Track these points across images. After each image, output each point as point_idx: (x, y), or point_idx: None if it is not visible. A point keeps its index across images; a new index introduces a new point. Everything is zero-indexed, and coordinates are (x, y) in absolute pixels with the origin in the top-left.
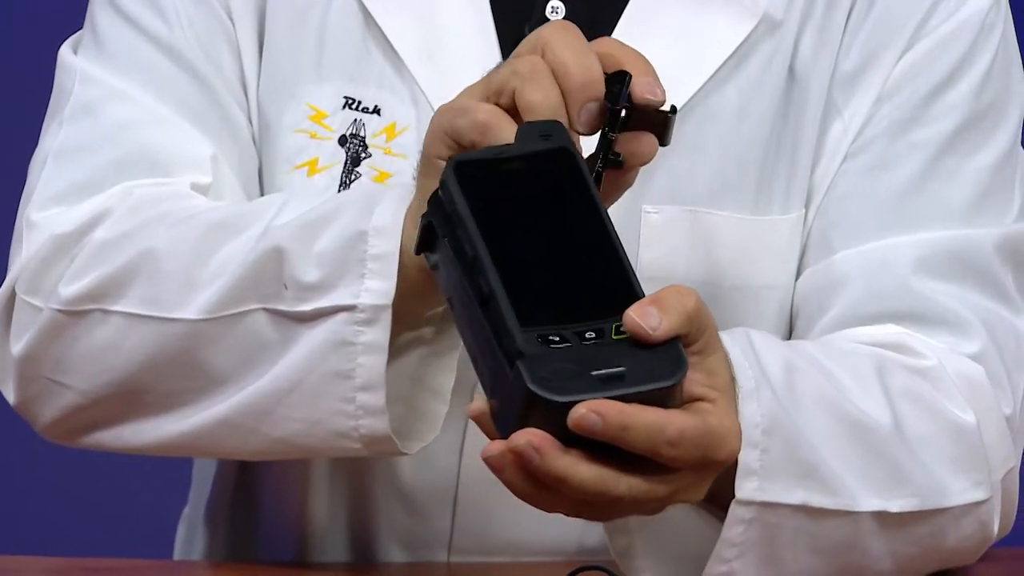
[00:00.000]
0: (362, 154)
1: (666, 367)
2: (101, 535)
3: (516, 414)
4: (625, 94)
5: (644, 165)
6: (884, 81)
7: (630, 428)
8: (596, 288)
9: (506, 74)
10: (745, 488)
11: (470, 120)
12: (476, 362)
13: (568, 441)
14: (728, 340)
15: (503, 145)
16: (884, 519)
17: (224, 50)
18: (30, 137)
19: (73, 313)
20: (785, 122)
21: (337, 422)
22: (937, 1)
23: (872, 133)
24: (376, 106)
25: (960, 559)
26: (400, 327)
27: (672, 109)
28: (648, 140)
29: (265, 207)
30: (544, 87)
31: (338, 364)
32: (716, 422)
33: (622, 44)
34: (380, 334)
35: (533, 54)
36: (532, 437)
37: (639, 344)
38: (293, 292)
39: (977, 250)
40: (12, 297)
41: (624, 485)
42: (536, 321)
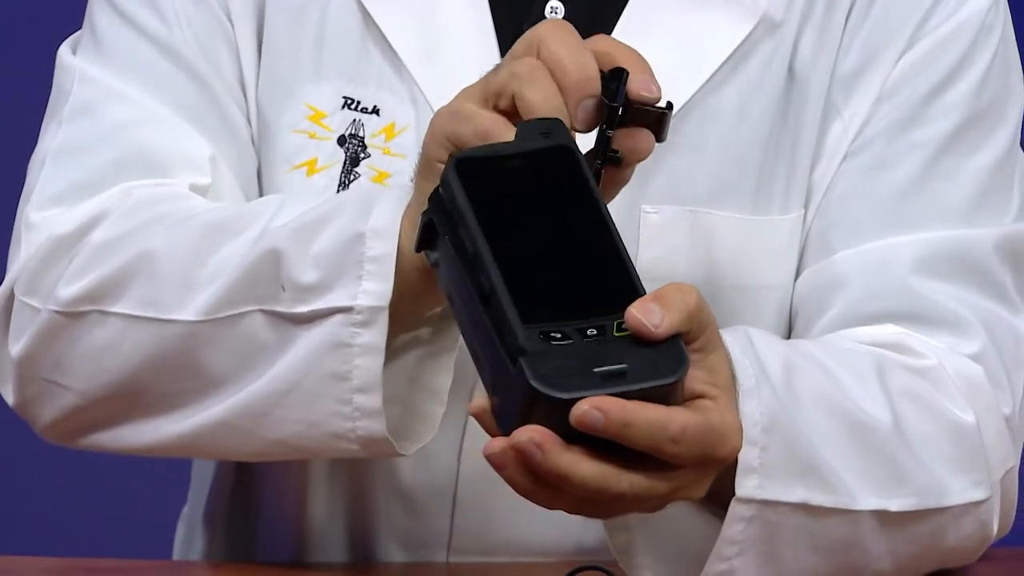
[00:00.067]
0: (361, 154)
1: (668, 364)
2: (100, 535)
3: (518, 411)
4: (623, 91)
5: (641, 161)
6: (884, 81)
7: (632, 425)
8: (597, 285)
9: (505, 76)
10: (745, 486)
11: (473, 127)
12: (477, 360)
13: (570, 438)
14: (728, 338)
15: (503, 142)
16: (884, 518)
17: (223, 50)
18: (30, 137)
19: (71, 314)
20: (785, 122)
21: (334, 423)
22: (937, 1)
23: (872, 133)
24: (375, 106)
25: (960, 559)
26: (397, 328)
27: (668, 106)
28: (645, 136)
29: (262, 208)
30: (544, 87)
31: (335, 366)
32: (717, 419)
33: (617, 41)
34: (377, 336)
35: (528, 52)
36: (534, 434)
37: (641, 341)
38: (290, 294)
39: (976, 250)
40: (11, 298)
41: (626, 482)
42: (538, 318)
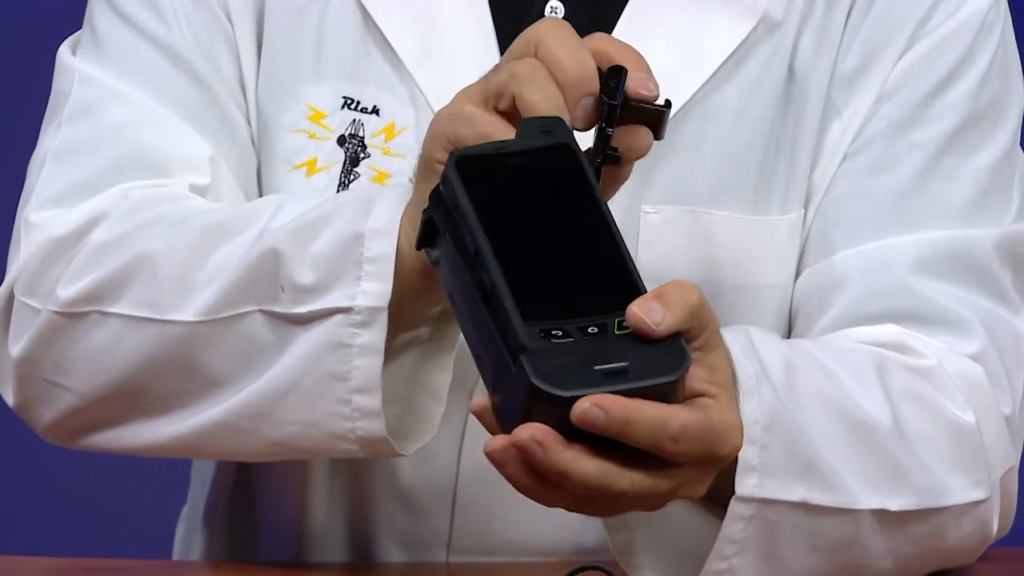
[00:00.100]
0: (361, 154)
1: (669, 362)
2: (100, 535)
3: (519, 409)
4: (622, 90)
5: (640, 159)
6: (884, 81)
7: (633, 423)
8: (598, 283)
9: (505, 77)
10: (745, 484)
11: (474, 130)
12: (478, 357)
13: (571, 436)
14: (728, 337)
15: (505, 140)
16: (884, 517)
17: (223, 50)
18: (30, 138)
19: (71, 315)
20: (784, 122)
21: (333, 424)
22: (937, 1)
23: (871, 133)
24: (375, 106)
25: (959, 558)
26: (396, 328)
27: (666, 103)
28: (643, 133)
29: (262, 209)
30: (544, 87)
31: (334, 366)
32: (718, 418)
33: (614, 39)
34: (376, 336)
35: (526, 52)
36: (535, 431)
37: (642, 339)
38: (289, 294)
39: (976, 250)
40: (11, 299)
41: (626, 480)
42: (539, 316)
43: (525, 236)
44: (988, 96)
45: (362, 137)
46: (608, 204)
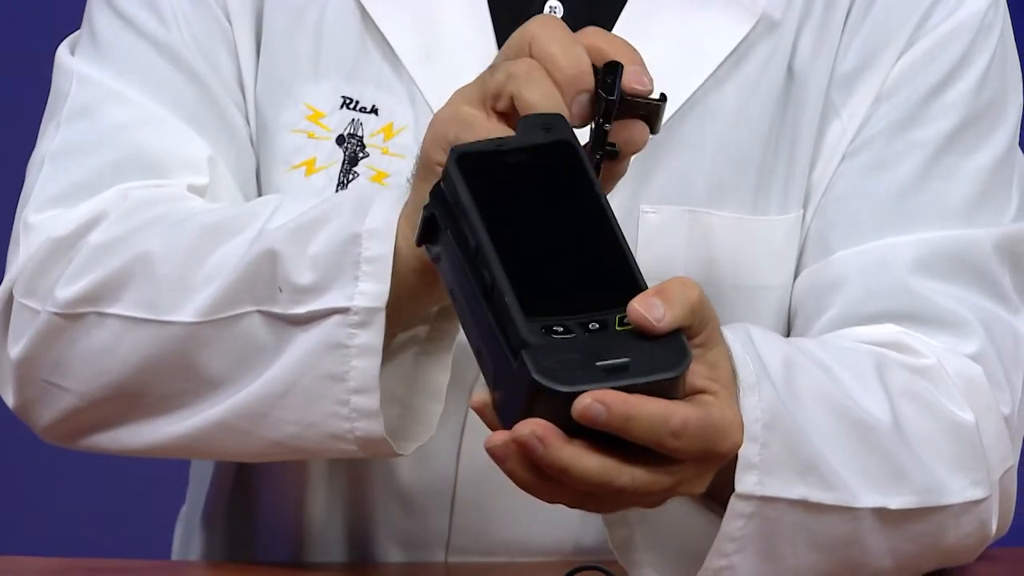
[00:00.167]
0: (360, 154)
1: (670, 358)
2: (99, 535)
3: (520, 405)
4: (619, 85)
5: (636, 153)
6: (883, 81)
7: (634, 419)
8: (599, 279)
9: (502, 77)
10: (745, 482)
11: (475, 135)
12: (479, 354)
13: (571, 432)
14: (729, 335)
15: (505, 137)
16: (883, 516)
17: (221, 50)
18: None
19: (70, 316)
20: (783, 122)
21: (332, 424)
22: (936, 1)
23: (871, 133)
24: (374, 106)
25: (959, 558)
26: (394, 328)
27: (662, 97)
28: (640, 128)
29: (260, 209)
30: (542, 86)
31: (332, 367)
32: (719, 414)
33: (607, 34)
34: (374, 336)
35: (520, 50)
36: (536, 427)
37: (643, 335)
38: (287, 295)
39: (976, 250)
40: (10, 300)
41: (627, 476)
42: (540, 312)
43: (526, 232)
44: (987, 96)
45: (361, 137)
46: (608, 201)
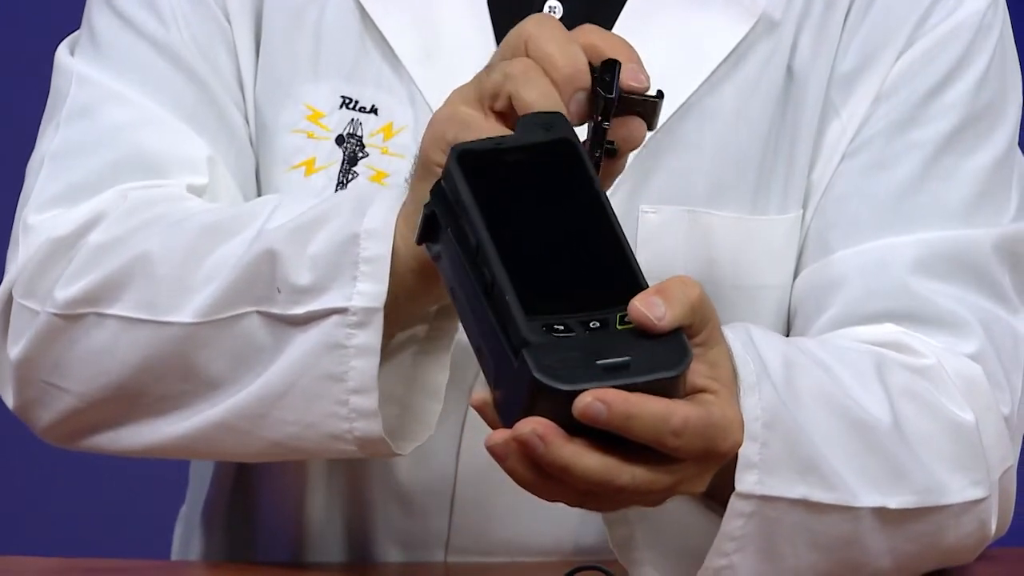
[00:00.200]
0: (359, 154)
1: (670, 357)
2: (99, 535)
3: (520, 403)
4: (617, 84)
5: (634, 150)
6: (882, 81)
7: (635, 417)
8: (600, 278)
9: (499, 77)
10: (745, 481)
11: (474, 136)
12: (479, 352)
13: (572, 430)
14: (729, 334)
15: (506, 136)
16: (883, 515)
17: (221, 50)
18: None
19: (69, 317)
20: (783, 122)
21: (331, 425)
22: (935, 1)
23: (870, 133)
24: (373, 106)
25: (958, 558)
26: (393, 328)
27: (658, 93)
28: (638, 124)
29: (259, 209)
30: (539, 85)
31: (330, 367)
32: (719, 413)
33: (602, 31)
34: (372, 337)
35: (516, 49)
36: (536, 425)
37: (643, 334)
38: (286, 295)
39: (975, 250)
40: (9, 300)
41: (627, 475)
42: (540, 310)
43: (527, 231)
44: (986, 96)
45: (360, 137)
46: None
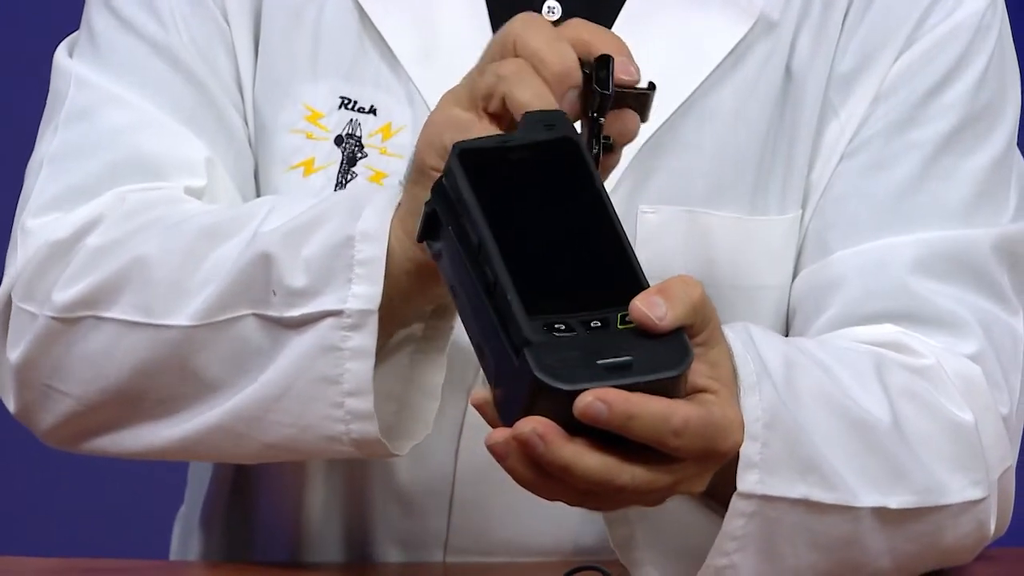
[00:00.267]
0: (358, 154)
1: (671, 357)
2: (98, 536)
3: (521, 402)
4: (612, 79)
5: (629, 143)
6: (881, 81)
7: (635, 417)
8: (601, 277)
9: (491, 79)
10: (746, 481)
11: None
12: (480, 351)
13: (572, 430)
14: (729, 334)
15: (507, 134)
16: (883, 515)
17: (220, 51)
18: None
19: (67, 320)
20: (782, 122)
21: (327, 427)
22: (934, 1)
23: (869, 133)
24: (372, 106)
25: (957, 558)
26: (388, 329)
27: (650, 85)
28: (631, 117)
29: (254, 211)
30: (532, 85)
31: (326, 369)
32: (720, 413)
33: (590, 26)
34: (367, 339)
35: (505, 49)
36: (537, 425)
37: (645, 334)
38: (281, 298)
39: (974, 251)
40: (8, 304)
41: (628, 474)
42: (542, 309)
43: (528, 230)
44: (985, 97)
45: (359, 137)
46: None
